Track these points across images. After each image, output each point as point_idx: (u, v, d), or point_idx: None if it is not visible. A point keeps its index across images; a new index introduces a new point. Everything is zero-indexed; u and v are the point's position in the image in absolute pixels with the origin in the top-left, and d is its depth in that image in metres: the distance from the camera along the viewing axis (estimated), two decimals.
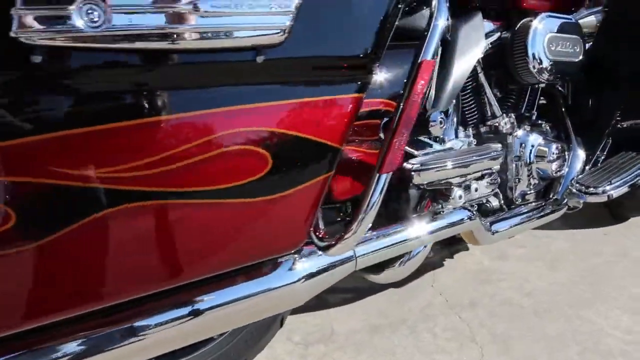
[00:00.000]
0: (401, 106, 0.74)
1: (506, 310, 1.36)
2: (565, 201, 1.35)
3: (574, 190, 1.32)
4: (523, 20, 1.28)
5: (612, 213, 1.96)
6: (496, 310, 1.37)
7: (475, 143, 1.35)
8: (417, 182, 0.89)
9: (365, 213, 0.75)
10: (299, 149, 0.64)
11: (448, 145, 1.06)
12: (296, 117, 0.62)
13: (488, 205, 1.37)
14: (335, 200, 0.95)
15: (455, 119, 1.19)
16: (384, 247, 0.89)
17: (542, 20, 1.26)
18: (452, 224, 1.01)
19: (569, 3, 1.40)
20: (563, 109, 1.53)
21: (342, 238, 0.76)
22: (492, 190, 1.23)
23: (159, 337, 0.65)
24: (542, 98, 1.58)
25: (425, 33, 0.80)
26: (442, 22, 0.80)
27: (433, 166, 0.91)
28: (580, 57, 1.34)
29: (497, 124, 1.37)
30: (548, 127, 1.44)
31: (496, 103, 1.36)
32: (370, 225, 0.77)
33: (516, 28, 1.29)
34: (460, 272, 1.60)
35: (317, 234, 0.78)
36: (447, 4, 1.14)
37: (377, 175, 0.74)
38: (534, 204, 1.35)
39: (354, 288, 1.49)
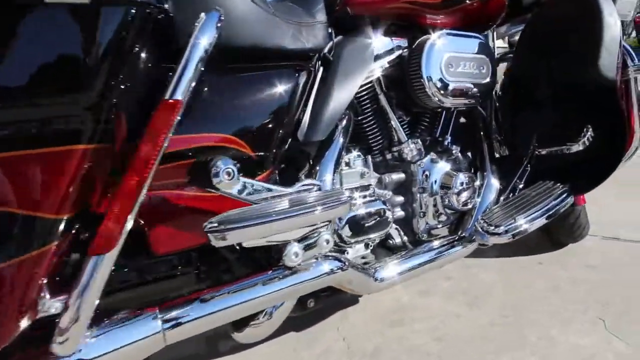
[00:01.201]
0: (130, 162, 0.58)
1: (412, 359, 1.22)
2: (473, 237, 1.22)
3: (478, 228, 1.19)
4: (421, 39, 1.16)
5: (550, 239, 1.85)
6: (400, 358, 1.23)
7: (374, 173, 1.22)
8: (219, 244, 0.74)
9: (81, 301, 0.58)
10: None
11: (296, 189, 0.91)
12: None
13: (391, 242, 1.24)
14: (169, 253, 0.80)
15: (337, 150, 1.05)
16: (204, 316, 0.74)
17: (440, 38, 1.13)
18: (311, 279, 0.86)
19: (485, 19, 1.28)
20: (481, 133, 1.40)
21: (62, 330, 0.60)
22: (377, 233, 1.09)
23: None
24: (462, 120, 1.47)
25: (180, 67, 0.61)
26: (205, 43, 0.62)
27: (236, 226, 0.74)
28: (489, 78, 1.22)
29: (400, 151, 1.24)
30: (460, 154, 1.31)
31: (400, 128, 1.23)
32: (91, 315, 0.60)
33: (413, 47, 1.17)
34: (374, 310, 1.46)
35: None
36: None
37: (90, 257, 0.58)
38: (439, 241, 1.21)
39: None
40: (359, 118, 1.20)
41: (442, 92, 1.13)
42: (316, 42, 1.01)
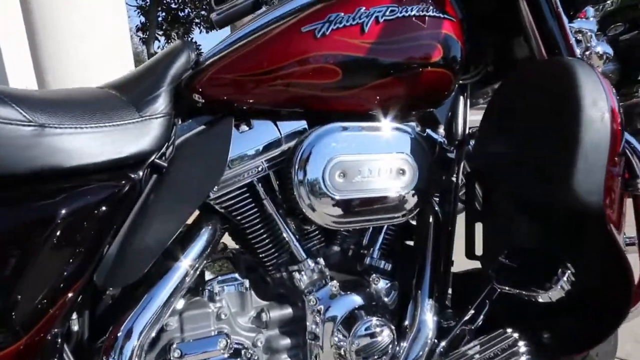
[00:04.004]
0: None
1: None
2: None
3: None
4: (305, 135, 0.83)
5: None
6: None
7: (258, 301, 0.91)
8: None
9: None
10: None
11: None
12: None
13: None
14: None
15: (169, 288, 0.76)
16: None
17: (326, 136, 0.79)
18: None
19: (424, 97, 0.91)
20: (429, 244, 1.02)
21: None
22: None
23: None
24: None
25: None
26: None
27: None
28: (413, 186, 0.85)
29: (292, 275, 0.91)
30: (387, 279, 0.94)
31: (295, 241, 0.90)
32: None
33: (295, 144, 0.84)
34: None
35: None
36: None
37: None
38: None
39: None
40: (243, 228, 0.89)
41: (324, 211, 0.80)
42: (136, 147, 0.73)
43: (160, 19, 14.53)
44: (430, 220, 1.01)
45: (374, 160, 0.81)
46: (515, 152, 0.84)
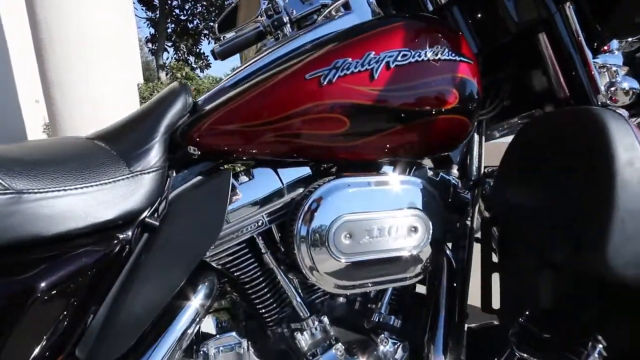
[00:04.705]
0: None
1: None
2: None
3: None
4: (309, 188, 0.77)
5: None
6: None
7: None
8: None
9: None
10: None
11: None
12: None
13: None
14: None
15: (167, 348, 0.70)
16: None
17: (330, 193, 0.73)
18: None
19: (438, 142, 0.84)
20: (442, 294, 0.94)
21: None
22: None
23: None
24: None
25: None
26: None
27: None
28: (426, 243, 0.78)
29: (293, 335, 0.85)
30: (392, 342, 0.86)
31: (298, 298, 0.84)
32: None
33: (298, 199, 0.77)
34: None
35: None
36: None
37: None
38: None
39: None
40: (242, 283, 0.83)
41: (328, 274, 0.73)
42: (125, 207, 0.67)
43: (169, 30, 14.66)
44: (444, 266, 0.94)
45: (383, 218, 0.74)
46: (539, 205, 0.77)
